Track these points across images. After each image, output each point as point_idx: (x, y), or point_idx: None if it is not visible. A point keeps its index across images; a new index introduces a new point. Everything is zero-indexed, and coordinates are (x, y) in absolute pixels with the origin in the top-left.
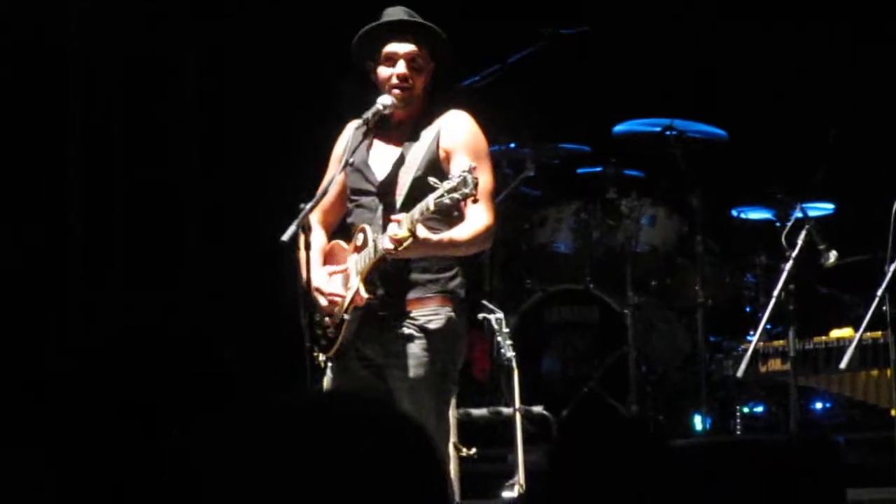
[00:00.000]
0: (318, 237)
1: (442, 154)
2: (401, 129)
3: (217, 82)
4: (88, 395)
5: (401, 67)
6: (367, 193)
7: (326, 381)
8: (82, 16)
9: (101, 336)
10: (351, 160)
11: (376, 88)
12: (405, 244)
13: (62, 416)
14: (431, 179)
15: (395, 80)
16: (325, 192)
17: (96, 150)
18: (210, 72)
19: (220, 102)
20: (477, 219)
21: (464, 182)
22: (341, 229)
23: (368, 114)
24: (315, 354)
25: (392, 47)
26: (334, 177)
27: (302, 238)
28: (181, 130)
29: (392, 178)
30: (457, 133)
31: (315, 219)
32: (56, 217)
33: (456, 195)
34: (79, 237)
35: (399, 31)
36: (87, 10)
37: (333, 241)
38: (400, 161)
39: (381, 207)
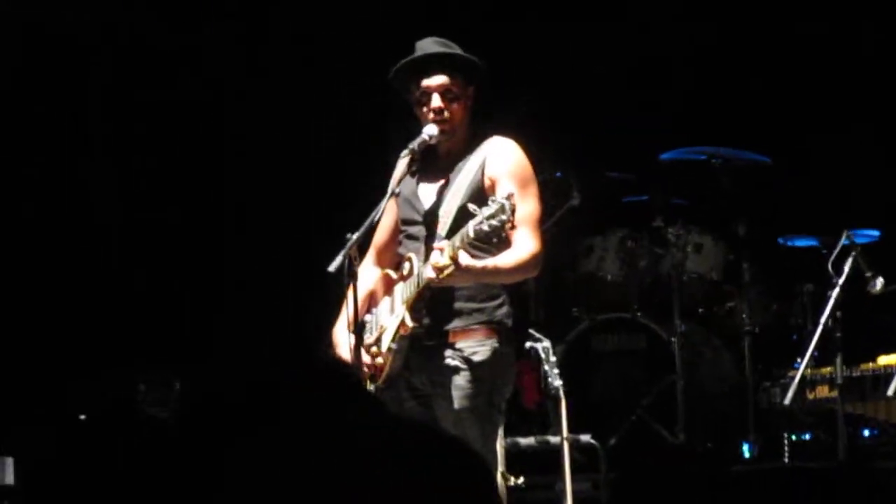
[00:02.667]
0: (369, 273)
1: (487, 182)
2: (448, 158)
3: (269, 118)
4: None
5: (435, 101)
6: (414, 223)
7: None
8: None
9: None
10: (397, 190)
11: (420, 123)
12: (447, 271)
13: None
14: (472, 206)
15: (432, 115)
16: (372, 222)
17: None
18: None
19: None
20: (522, 246)
21: (501, 209)
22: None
23: (415, 144)
24: (364, 384)
25: (424, 82)
26: (381, 207)
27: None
28: (234, 165)
29: (437, 207)
30: (502, 161)
31: (370, 257)
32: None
33: (494, 222)
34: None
35: (430, 64)
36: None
37: (383, 272)
38: (445, 190)
39: (427, 236)
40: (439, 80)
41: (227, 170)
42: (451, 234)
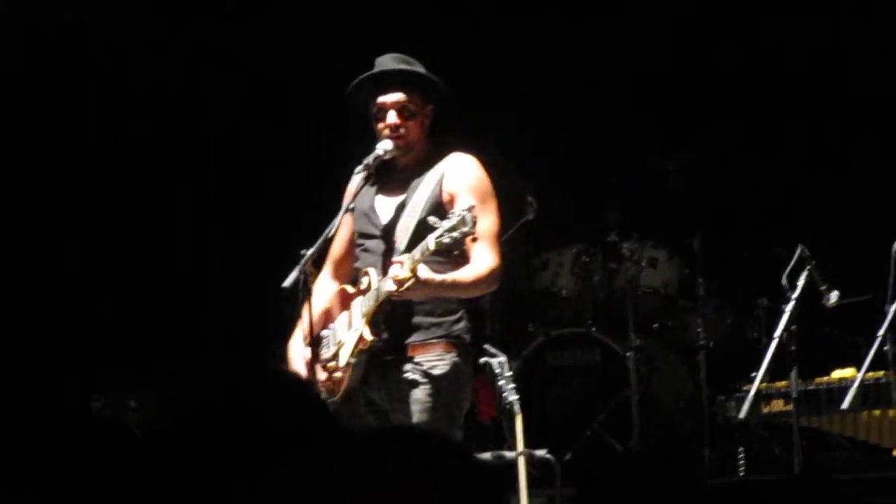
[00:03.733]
0: (326, 287)
1: (446, 197)
2: (406, 173)
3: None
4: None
5: (391, 118)
6: (372, 237)
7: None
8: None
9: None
10: (352, 205)
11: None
12: (407, 284)
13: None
14: (431, 219)
15: (387, 132)
16: (327, 237)
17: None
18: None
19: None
20: (481, 260)
21: (462, 221)
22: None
23: (369, 159)
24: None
25: (381, 99)
26: (336, 222)
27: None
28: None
29: (396, 222)
30: (460, 176)
31: (327, 272)
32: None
33: (455, 234)
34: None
35: (387, 81)
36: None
37: (340, 287)
38: (404, 204)
39: (385, 251)
40: (395, 97)
41: (183, 181)
42: (409, 249)
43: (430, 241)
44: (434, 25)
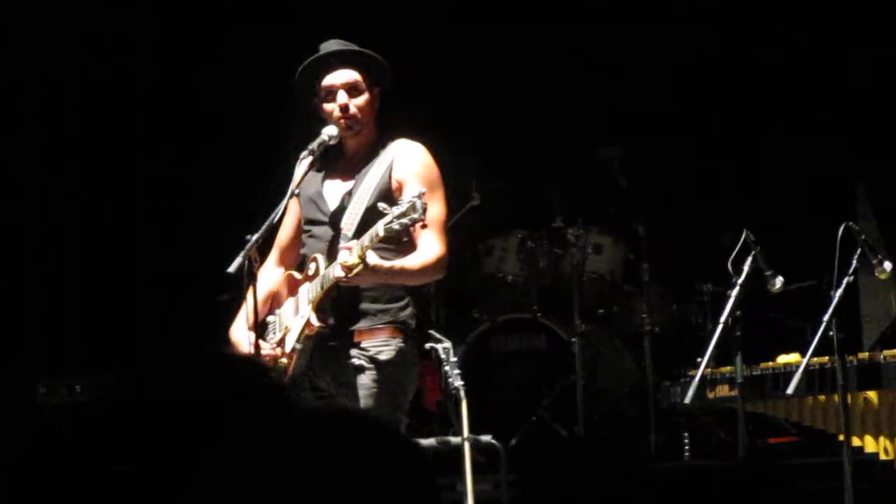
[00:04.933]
0: (272, 273)
1: (394, 184)
2: (353, 159)
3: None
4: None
5: (341, 98)
6: (319, 223)
7: None
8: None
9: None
10: (297, 191)
11: (326, 124)
12: (355, 270)
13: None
14: (381, 205)
15: (337, 112)
16: (272, 223)
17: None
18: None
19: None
20: (429, 248)
21: (413, 207)
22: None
23: (314, 144)
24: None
25: (329, 79)
26: (280, 208)
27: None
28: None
29: (344, 208)
30: (409, 163)
31: (273, 258)
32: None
33: (405, 220)
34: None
35: (334, 62)
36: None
37: (287, 273)
38: (352, 191)
39: (333, 237)
40: (344, 77)
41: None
42: (357, 235)
43: (380, 228)
44: (380, 15)
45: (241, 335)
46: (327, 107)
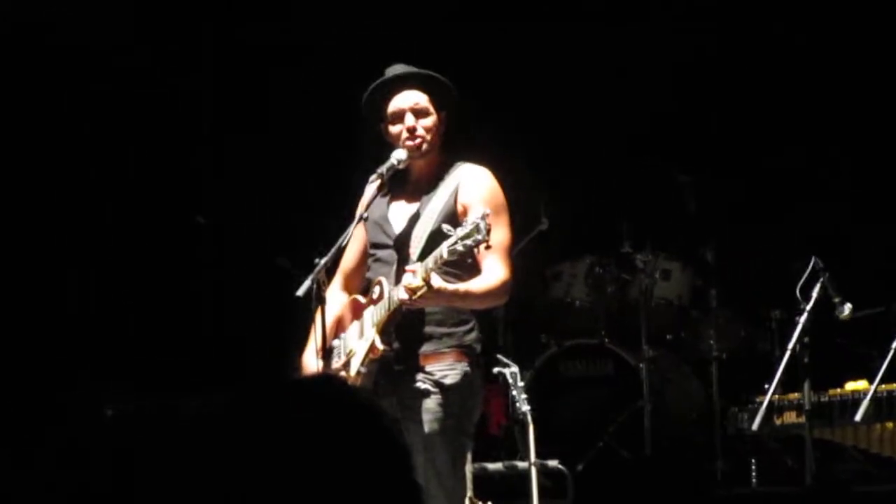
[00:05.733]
0: (336, 298)
1: (460, 209)
2: (419, 183)
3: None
4: None
5: (409, 120)
6: (385, 247)
7: None
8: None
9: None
10: (365, 215)
11: (392, 149)
12: (420, 293)
13: None
14: (445, 227)
15: (405, 134)
16: (340, 247)
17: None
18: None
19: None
20: (493, 272)
21: (476, 229)
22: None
23: (383, 168)
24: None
25: (396, 102)
26: (349, 231)
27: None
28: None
29: (409, 232)
30: (475, 188)
31: (338, 282)
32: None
33: (469, 241)
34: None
35: (401, 85)
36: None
37: (352, 297)
38: (417, 215)
39: (398, 260)
40: (411, 99)
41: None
42: (422, 258)
43: (444, 250)
44: (447, 36)
45: (311, 360)
46: (394, 129)
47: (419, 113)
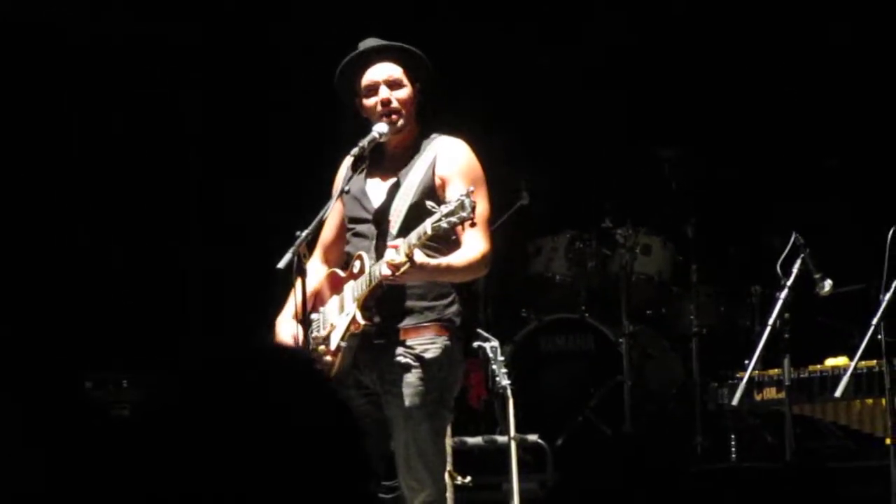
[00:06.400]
0: (315, 271)
1: (437, 181)
2: (396, 157)
3: (219, 121)
4: None
5: (383, 93)
6: (363, 221)
7: None
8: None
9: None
10: (347, 189)
11: (370, 124)
12: (402, 269)
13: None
14: (429, 204)
15: (380, 107)
16: (321, 220)
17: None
18: (210, 111)
19: (223, 141)
20: (473, 245)
21: (461, 206)
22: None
23: (364, 142)
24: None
25: (370, 75)
26: (330, 205)
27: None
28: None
29: (388, 206)
30: (452, 160)
31: (317, 256)
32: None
33: (453, 219)
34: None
35: (375, 58)
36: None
37: (330, 270)
38: (395, 188)
39: (377, 235)
40: (385, 72)
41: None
42: (402, 233)
43: (428, 226)
44: (424, 14)
45: (285, 326)
46: (369, 102)
47: (393, 85)
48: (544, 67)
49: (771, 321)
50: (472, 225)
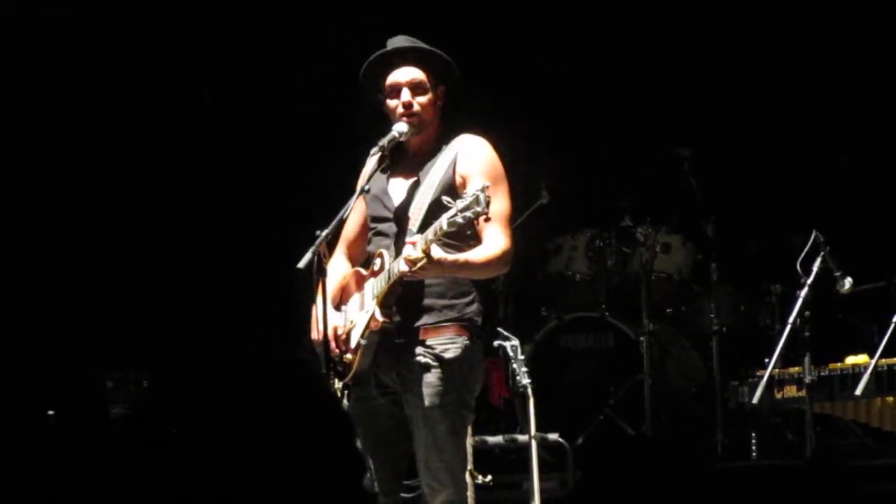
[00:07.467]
0: (340, 268)
1: (458, 179)
2: (418, 155)
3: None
4: None
5: (405, 95)
6: (384, 220)
7: (344, 408)
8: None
9: None
10: (367, 187)
11: (388, 122)
12: (420, 264)
13: None
14: (445, 199)
15: (401, 109)
16: (341, 219)
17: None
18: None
19: (246, 133)
20: (493, 242)
21: (476, 200)
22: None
23: (384, 141)
24: (331, 381)
25: (393, 77)
26: (350, 204)
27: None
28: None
29: (408, 204)
30: (473, 158)
31: (340, 251)
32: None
33: (468, 213)
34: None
35: (399, 59)
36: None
37: (353, 269)
38: (416, 187)
39: (397, 233)
40: (408, 75)
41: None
42: (422, 230)
43: (444, 221)
44: (446, 14)
45: (323, 322)
46: (391, 103)
47: (416, 88)
48: (564, 67)
49: (791, 319)
50: (488, 220)
